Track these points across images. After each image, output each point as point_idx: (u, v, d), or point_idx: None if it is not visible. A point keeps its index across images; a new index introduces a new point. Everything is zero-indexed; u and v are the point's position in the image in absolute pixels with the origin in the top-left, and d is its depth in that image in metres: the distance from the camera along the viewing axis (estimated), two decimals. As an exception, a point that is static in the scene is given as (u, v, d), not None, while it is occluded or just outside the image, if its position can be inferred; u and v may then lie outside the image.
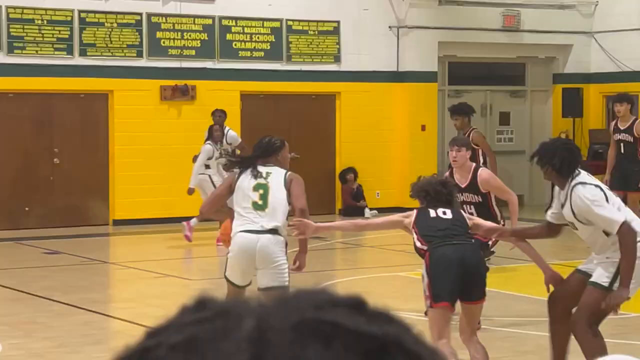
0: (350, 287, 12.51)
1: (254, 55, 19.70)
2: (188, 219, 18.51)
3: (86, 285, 12.59)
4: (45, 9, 17.98)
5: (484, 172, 9.83)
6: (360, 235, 17.62)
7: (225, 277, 8.28)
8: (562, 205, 7.39)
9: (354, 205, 20.21)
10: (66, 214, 18.31)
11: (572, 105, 21.04)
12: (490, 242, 10.39)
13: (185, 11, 19.00)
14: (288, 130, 20.32)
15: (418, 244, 7.45)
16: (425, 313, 7.75)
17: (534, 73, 22.90)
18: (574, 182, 7.26)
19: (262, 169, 8.44)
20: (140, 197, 18.59)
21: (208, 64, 19.32)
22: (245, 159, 8.69)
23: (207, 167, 16.21)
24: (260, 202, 8.19)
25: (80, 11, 18.24)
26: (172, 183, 18.80)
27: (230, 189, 8.39)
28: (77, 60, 18.26)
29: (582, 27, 22.38)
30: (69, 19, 18.16)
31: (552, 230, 7.79)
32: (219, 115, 16.59)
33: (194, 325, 0.88)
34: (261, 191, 8.30)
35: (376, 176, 20.64)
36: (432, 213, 7.51)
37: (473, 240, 7.69)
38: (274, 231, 8.12)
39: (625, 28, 21.64)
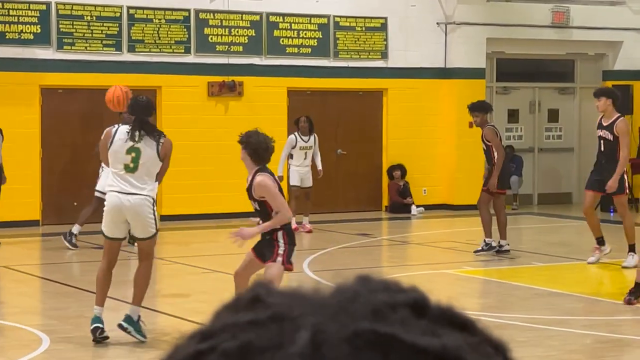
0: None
1: (301, 52, 19.70)
2: (235, 215, 18.61)
3: (132, 279, 12.64)
4: (94, 5, 18.10)
5: (258, 177, 9.46)
6: (407, 232, 17.57)
7: None
8: None
9: (401, 202, 20.16)
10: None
11: (622, 102, 20.79)
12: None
13: (233, 7, 19.04)
14: (335, 127, 20.32)
15: None
16: None
17: (583, 70, 22.70)
18: None
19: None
20: (187, 193, 18.67)
21: (255, 60, 19.35)
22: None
23: (291, 156, 17.07)
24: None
25: (128, 7, 18.35)
26: (219, 179, 18.86)
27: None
28: (126, 57, 18.37)
29: (632, 23, 22.13)
30: (117, 15, 18.27)
31: None
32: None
33: (249, 329, 0.86)
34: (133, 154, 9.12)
35: (423, 173, 20.57)
36: None
37: None
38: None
39: (677, 24, 21.39)
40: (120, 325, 9.15)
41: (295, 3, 19.51)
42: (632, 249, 13.21)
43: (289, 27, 19.61)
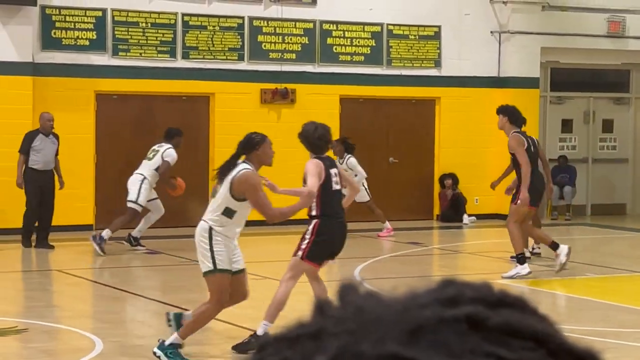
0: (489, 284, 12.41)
1: (354, 60, 19.71)
2: (286, 222, 18.55)
3: (185, 285, 12.71)
4: (150, 12, 18.25)
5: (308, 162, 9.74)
6: (458, 241, 17.49)
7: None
8: None
9: (452, 211, 20.07)
10: (166, 215, 18.51)
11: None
12: None
13: (287, 15, 19.10)
14: (386, 135, 20.30)
15: None
16: None
17: (638, 80, 22.47)
18: None
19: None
20: (239, 199, 18.71)
21: (308, 68, 19.39)
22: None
23: None
24: None
25: (183, 14, 18.47)
26: (271, 186, 18.89)
27: None
28: (180, 63, 18.49)
29: (689, 33, 21.89)
30: (172, 22, 18.40)
31: None
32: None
33: (291, 345, 0.86)
34: None
35: (475, 182, 20.46)
36: None
37: None
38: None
39: None
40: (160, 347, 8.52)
41: (349, 11, 19.52)
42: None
43: (342, 35, 19.62)
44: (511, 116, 13.30)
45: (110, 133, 18.22)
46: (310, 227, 9.03)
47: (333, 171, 9.22)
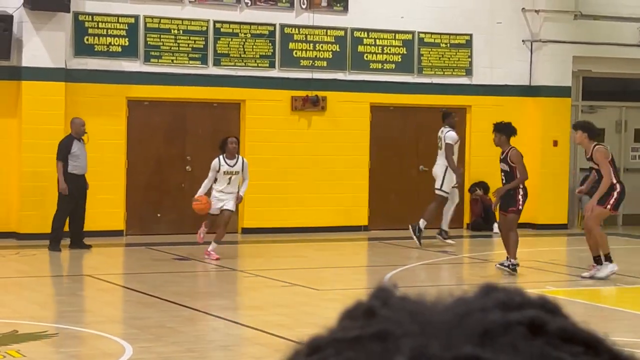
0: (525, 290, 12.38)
1: (384, 67, 19.71)
2: (315, 229, 18.75)
3: (214, 291, 12.75)
4: (182, 19, 18.33)
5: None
6: (489, 250, 17.44)
7: None
8: None
9: (482, 220, 20.00)
10: (196, 221, 18.58)
11: None
12: None
13: (318, 22, 19.13)
14: (416, 143, 20.27)
15: None
16: None
17: (671, 89, 22.32)
18: None
19: None
20: (269, 206, 18.76)
21: (339, 76, 19.40)
22: None
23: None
24: None
25: (215, 21, 18.54)
26: (301, 193, 18.93)
27: None
28: (211, 70, 18.56)
29: None
30: (204, 29, 18.48)
31: None
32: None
33: (353, 346, 0.85)
34: None
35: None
36: None
37: None
38: None
39: None
40: None
41: (380, 19, 19.53)
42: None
43: (373, 43, 19.63)
44: (590, 132, 13.95)
45: (141, 139, 18.31)
46: None
47: None
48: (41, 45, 17.25)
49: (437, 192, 17.37)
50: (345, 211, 19.34)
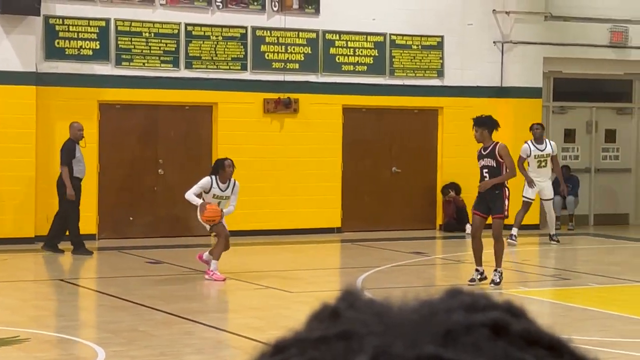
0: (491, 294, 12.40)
1: (357, 69, 19.75)
2: (289, 231, 18.78)
3: (188, 295, 12.74)
4: (153, 22, 18.29)
5: None
6: (461, 251, 17.50)
7: None
8: None
9: (455, 221, 20.07)
10: (169, 224, 18.58)
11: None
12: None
13: (289, 25, 19.15)
14: (389, 145, 20.33)
15: None
16: None
17: (641, 90, 22.49)
18: None
19: None
20: (242, 209, 18.71)
21: (311, 78, 19.43)
22: None
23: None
24: None
25: (186, 24, 18.52)
26: (274, 195, 18.93)
27: None
28: (183, 73, 18.53)
29: (692, 43, 21.91)
30: (175, 32, 18.45)
31: None
32: (537, 129, 18.14)
33: (317, 346, 0.86)
34: None
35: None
36: None
37: None
38: None
39: None
40: None
41: (352, 21, 19.56)
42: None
43: (345, 45, 19.66)
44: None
45: (113, 143, 18.26)
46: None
47: None
48: (11, 48, 17.17)
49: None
50: (318, 213, 19.36)
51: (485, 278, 13.21)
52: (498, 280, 13.07)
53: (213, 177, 13.91)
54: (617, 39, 21.39)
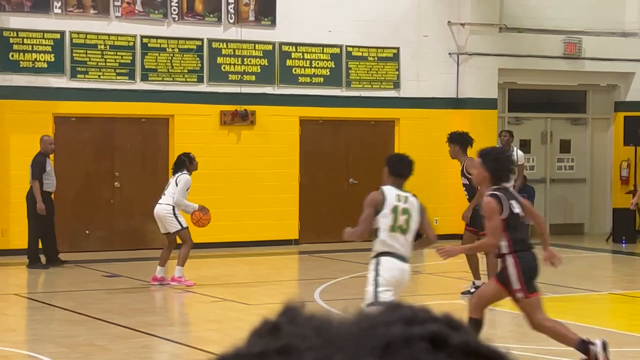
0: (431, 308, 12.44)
1: (313, 81, 19.78)
2: (247, 243, 18.69)
3: (145, 308, 12.67)
4: (108, 35, 18.21)
5: None
6: (419, 261, 17.55)
7: None
8: None
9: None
10: (126, 237, 18.47)
11: (634, 133, 20.84)
12: None
13: (246, 37, 19.14)
14: (346, 156, 20.36)
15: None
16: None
17: (595, 101, 22.71)
18: None
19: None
20: (199, 221, 18.67)
21: (268, 90, 19.43)
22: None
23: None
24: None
25: (142, 37, 18.45)
26: (231, 208, 18.89)
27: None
28: (139, 85, 18.46)
29: (644, 54, 22.17)
30: (131, 44, 18.38)
31: None
32: (505, 136, 17.90)
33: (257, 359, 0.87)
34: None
35: (435, 203, 20.53)
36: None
37: None
38: None
39: (689, 56, 21.41)
40: None
41: (308, 33, 19.60)
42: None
43: (301, 57, 19.69)
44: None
45: (69, 156, 18.14)
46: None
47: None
48: (-35, 61, 17.02)
49: None
50: (275, 225, 19.35)
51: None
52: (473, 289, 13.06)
53: (188, 173, 14.29)
54: (570, 50, 21.59)
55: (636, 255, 18.89)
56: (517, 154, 18.18)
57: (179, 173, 14.40)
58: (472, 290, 13.23)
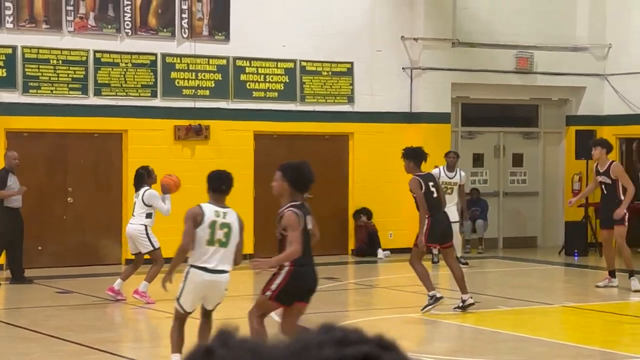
0: (363, 328, 12.46)
1: (267, 96, 19.79)
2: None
3: (98, 325, 12.58)
4: (61, 49, 18.11)
5: None
6: (373, 276, 17.60)
7: None
8: None
9: (367, 245, 20.18)
10: (79, 253, 18.34)
11: (585, 147, 21.00)
12: None
13: (200, 52, 19.12)
14: (301, 171, 20.36)
15: None
16: None
17: (547, 115, 22.92)
18: None
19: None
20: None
21: (222, 104, 19.42)
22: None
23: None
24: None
25: (95, 51, 18.37)
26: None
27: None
28: (92, 100, 18.37)
29: (595, 69, 22.42)
30: (84, 59, 18.29)
31: None
32: (452, 157, 18.20)
33: None
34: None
35: (389, 217, 20.63)
36: None
37: None
38: None
39: (638, 71, 21.68)
40: None
41: (262, 47, 19.62)
42: (632, 274, 15.42)
43: (255, 71, 19.70)
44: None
45: (22, 171, 17.97)
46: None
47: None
48: None
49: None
50: (230, 240, 19.28)
51: (473, 304, 13.18)
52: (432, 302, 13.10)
53: (148, 187, 14.43)
54: (523, 65, 21.79)
55: (588, 267, 19.07)
56: (460, 174, 18.27)
57: (142, 189, 14.37)
58: (460, 304, 13.17)
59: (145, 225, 14.27)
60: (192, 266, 9.25)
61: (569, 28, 22.33)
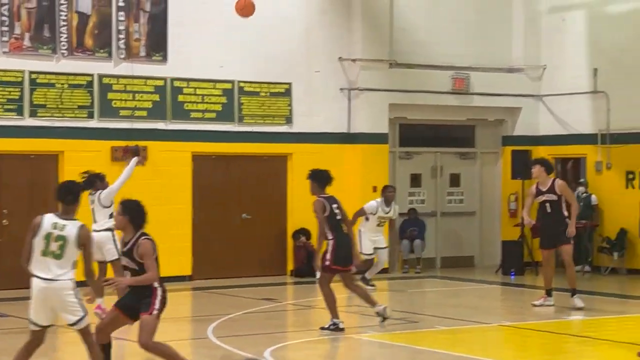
0: (302, 349, 12.47)
1: (205, 117, 19.76)
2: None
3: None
4: (-4, 70, 17.94)
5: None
6: (313, 296, 17.60)
7: None
8: None
9: (306, 266, 20.18)
10: (15, 276, 18.09)
11: (522, 167, 21.28)
12: None
13: (137, 72, 19.05)
14: (239, 191, 20.35)
15: None
16: None
17: (483, 135, 23.15)
18: None
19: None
20: (90, 259, 18.42)
21: (159, 125, 19.35)
22: None
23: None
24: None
25: (30, 72, 18.22)
26: (123, 244, 18.68)
27: None
28: (27, 121, 18.20)
29: (530, 90, 22.71)
30: (19, 79, 18.13)
31: None
32: (390, 192, 18.22)
33: None
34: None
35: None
36: None
37: None
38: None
39: (573, 91, 22.00)
40: None
41: (200, 68, 19.60)
42: (574, 292, 15.66)
43: (193, 92, 19.67)
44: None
45: (-45, 193, 17.76)
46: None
47: None
48: None
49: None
50: (168, 261, 19.14)
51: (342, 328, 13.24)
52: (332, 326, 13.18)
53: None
54: (459, 85, 22.00)
55: (525, 286, 19.25)
56: (394, 209, 18.34)
57: (95, 192, 14.37)
58: (331, 327, 13.22)
59: (112, 230, 14.10)
60: (33, 276, 9.71)
61: (504, 49, 22.60)
